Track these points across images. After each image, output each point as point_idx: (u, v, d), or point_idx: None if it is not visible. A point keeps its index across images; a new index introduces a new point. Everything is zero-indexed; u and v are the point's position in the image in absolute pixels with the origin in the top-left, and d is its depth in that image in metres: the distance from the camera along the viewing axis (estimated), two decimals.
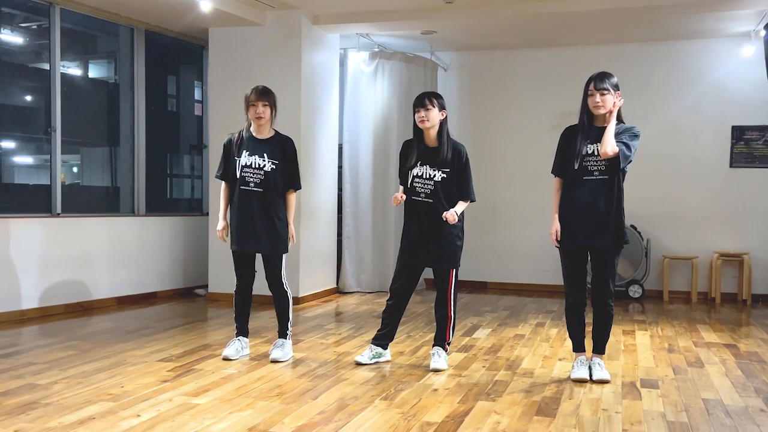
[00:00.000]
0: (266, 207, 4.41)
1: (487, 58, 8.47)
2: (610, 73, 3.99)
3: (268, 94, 4.40)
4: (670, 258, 7.77)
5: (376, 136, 7.85)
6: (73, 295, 6.33)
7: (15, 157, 6.58)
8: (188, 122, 8.24)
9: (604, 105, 3.91)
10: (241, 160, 4.41)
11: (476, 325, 5.94)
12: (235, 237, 4.48)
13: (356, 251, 7.85)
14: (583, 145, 3.98)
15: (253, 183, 4.39)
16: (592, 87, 3.93)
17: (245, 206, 4.42)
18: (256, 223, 4.41)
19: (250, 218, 4.41)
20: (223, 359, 4.47)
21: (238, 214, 4.44)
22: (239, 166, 4.41)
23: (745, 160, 7.71)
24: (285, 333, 4.58)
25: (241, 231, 4.44)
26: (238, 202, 4.44)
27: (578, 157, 3.98)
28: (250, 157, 4.40)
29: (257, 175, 4.39)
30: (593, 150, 3.95)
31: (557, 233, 4.07)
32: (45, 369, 4.19)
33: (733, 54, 7.62)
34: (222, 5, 6.33)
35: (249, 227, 4.42)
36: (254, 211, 4.40)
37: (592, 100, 3.93)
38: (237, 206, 4.45)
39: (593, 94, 3.93)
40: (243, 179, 4.40)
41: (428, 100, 4.23)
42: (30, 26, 6.58)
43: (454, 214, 4.17)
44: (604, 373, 4.08)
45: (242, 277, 4.56)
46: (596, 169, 3.95)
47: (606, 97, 3.90)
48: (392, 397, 3.72)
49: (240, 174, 4.41)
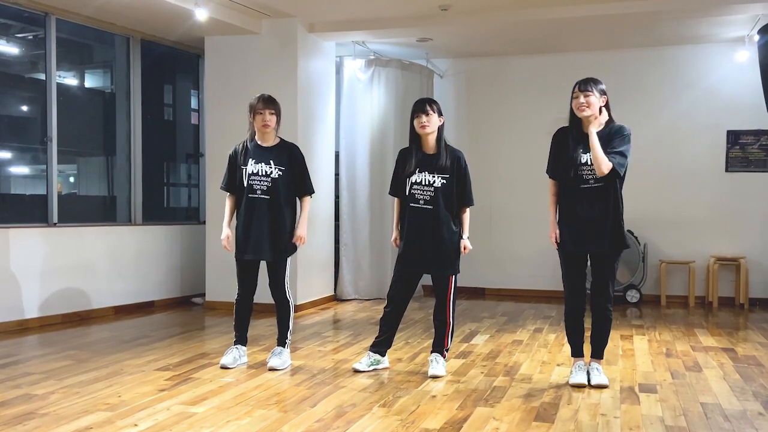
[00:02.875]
0: (273, 214, 4.41)
1: (482, 64, 8.50)
2: (598, 79, 4.00)
3: (274, 102, 4.42)
4: (667, 263, 7.78)
5: (372, 144, 7.86)
6: (70, 305, 6.31)
7: (11, 167, 6.58)
8: (185, 131, 8.24)
9: (589, 106, 3.91)
10: (247, 168, 4.40)
11: (474, 331, 5.94)
12: (242, 245, 4.45)
13: (354, 258, 7.84)
14: (576, 154, 3.98)
15: (260, 190, 4.39)
16: (577, 89, 3.95)
17: (252, 214, 4.40)
18: (263, 231, 4.39)
19: (257, 226, 4.39)
20: (221, 368, 4.46)
21: (245, 223, 4.42)
22: (246, 175, 4.41)
23: (741, 165, 7.74)
24: (284, 341, 4.57)
25: (248, 239, 4.41)
26: (245, 210, 4.42)
27: (573, 166, 3.99)
28: (257, 164, 4.40)
29: (264, 182, 4.39)
30: (587, 159, 3.95)
31: (557, 236, 4.10)
32: (42, 379, 4.18)
33: (727, 59, 7.65)
34: (218, 14, 6.35)
35: (255, 235, 4.39)
36: (261, 218, 4.38)
37: (576, 102, 3.94)
38: (244, 214, 4.43)
39: (577, 96, 3.94)
40: (250, 187, 4.39)
41: (429, 105, 4.24)
42: (26, 36, 6.58)
43: (468, 243, 4.34)
44: (602, 378, 4.08)
45: (245, 285, 4.54)
46: (591, 177, 3.95)
47: (590, 98, 3.90)
48: (391, 404, 3.71)
49: (247, 182, 4.40)
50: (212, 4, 6.24)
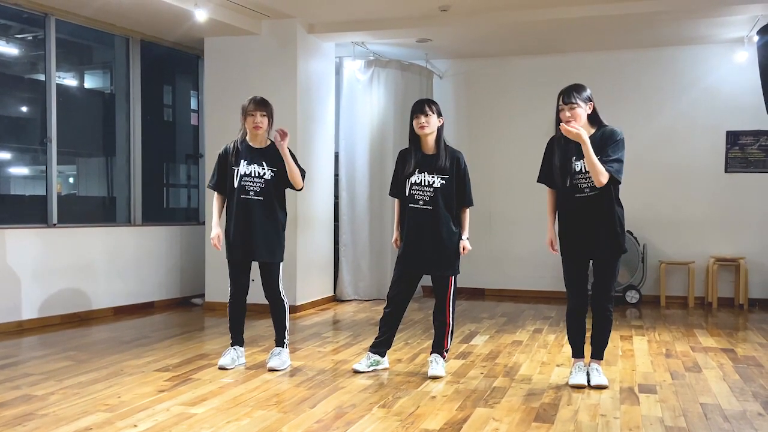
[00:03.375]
0: (267, 215, 4.41)
1: (482, 65, 8.50)
2: (582, 85, 3.95)
3: (266, 104, 4.42)
4: (666, 263, 7.78)
5: (372, 144, 7.86)
6: (69, 306, 6.31)
7: (11, 167, 6.57)
8: (184, 132, 8.24)
9: (575, 119, 3.87)
10: (240, 169, 4.40)
11: (474, 331, 5.94)
12: (233, 245, 4.46)
13: (353, 259, 7.84)
14: (570, 163, 3.97)
15: (253, 192, 4.39)
16: (561, 102, 3.91)
17: (244, 215, 4.40)
18: (256, 232, 4.40)
19: (249, 227, 4.40)
20: (219, 369, 4.46)
21: (236, 223, 4.43)
22: (237, 176, 4.41)
23: (740, 165, 7.74)
24: (282, 341, 4.57)
25: (240, 239, 4.43)
26: (236, 210, 4.42)
27: (567, 175, 3.98)
28: (249, 165, 4.40)
29: (257, 184, 4.39)
30: (581, 167, 3.93)
31: (552, 243, 4.13)
32: (41, 380, 4.18)
33: (726, 59, 7.65)
34: (217, 15, 6.35)
35: (248, 236, 4.41)
36: (255, 219, 4.39)
37: (563, 115, 3.90)
38: (235, 215, 4.43)
39: (563, 110, 3.91)
40: (243, 188, 4.40)
41: (428, 106, 4.25)
42: (25, 37, 6.58)
43: (467, 244, 4.32)
44: (602, 379, 4.09)
45: (238, 285, 4.54)
46: (586, 186, 3.94)
47: (576, 111, 3.87)
48: (390, 404, 3.71)
49: (239, 183, 4.40)
50: (212, 5, 6.24)
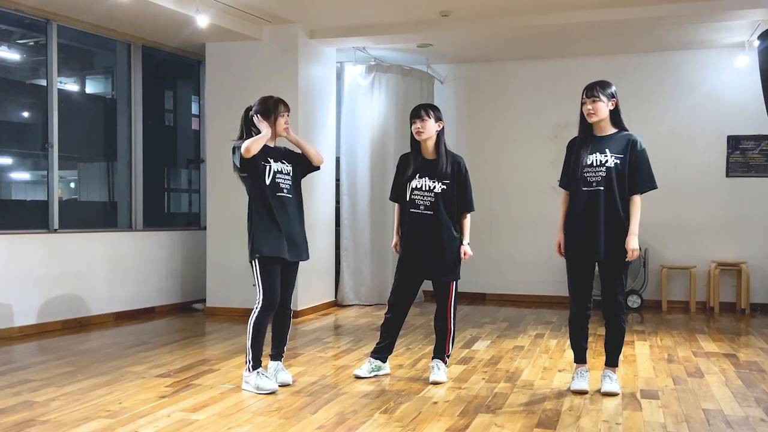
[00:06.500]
0: (298, 213, 4.27)
1: (483, 70, 8.50)
2: (607, 81, 4.02)
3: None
4: (668, 268, 7.77)
5: (373, 149, 7.87)
6: (70, 311, 6.30)
7: (12, 173, 6.58)
8: (185, 137, 8.25)
9: (596, 112, 3.94)
10: (272, 165, 4.17)
11: (475, 336, 5.93)
12: (279, 245, 4.13)
13: (354, 264, 7.84)
14: (584, 156, 3.99)
15: (285, 189, 4.21)
16: (584, 96, 3.99)
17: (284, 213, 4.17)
18: (297, 230, 4.24)
19: (291, 225, 4.20)
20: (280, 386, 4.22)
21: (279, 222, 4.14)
22: (270, 172, 4.15)
23: (741, 170, 7.73)
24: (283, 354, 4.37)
25: (288, 240, 4.17)
26: (277, 208, 4.15)
27: (578, 167, 4.00)
28: (276, 163, 4.20)
29: (287, 181, 4.23)
30: (592, 161, 3.96)
31: (560, 245, 4.10)
32: (42, 386, 4.17)
33: (727, 64, 7.65)
34: (219, 20, 6.36)
35: (293, 235, 4.20)
36: (292, 217, 4.22)
37: (585, 108, 3.99)
38: (278, 213, 4.14)
39: (585, 102, 3.99)
40: (277, 185, 4.17)
41: (424, 111, 4.25)
42: (27, 42, 6.60)
43: (468, 249, 4.31)
44: (613, 386, 4.04)
45: (277, 291, 4.18)
46: (594, 180, 3.95)
47: (597, 104, 3.93)
48: (392, 410, 3.70)
49: (272, 179, 4.15)
50: (213, 11, 6.25)
